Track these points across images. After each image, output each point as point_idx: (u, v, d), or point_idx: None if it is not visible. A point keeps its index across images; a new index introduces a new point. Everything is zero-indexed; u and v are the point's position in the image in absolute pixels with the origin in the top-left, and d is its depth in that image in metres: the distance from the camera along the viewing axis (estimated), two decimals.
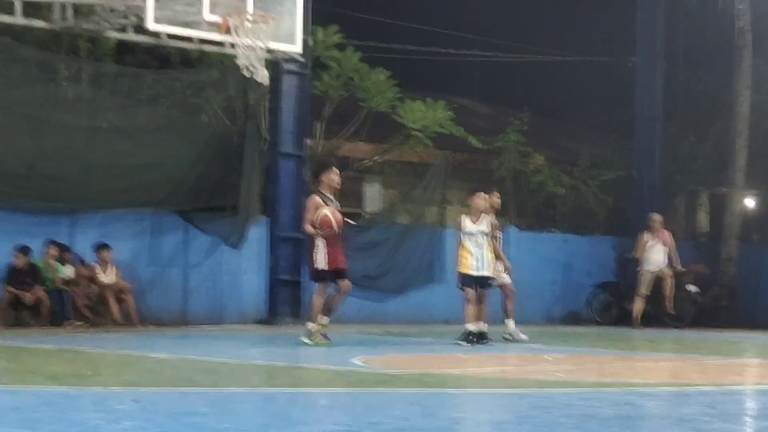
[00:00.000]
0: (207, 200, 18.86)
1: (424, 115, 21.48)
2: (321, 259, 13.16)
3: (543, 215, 24.43)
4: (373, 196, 23.49)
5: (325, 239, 13.13)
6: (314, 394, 8.09)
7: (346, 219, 20.60)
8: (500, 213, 24.46)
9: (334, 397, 7.98)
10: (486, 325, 14.00)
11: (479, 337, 13.87)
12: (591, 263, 23.23)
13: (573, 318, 22.95)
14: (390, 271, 20.74)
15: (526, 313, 22.48)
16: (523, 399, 8.02)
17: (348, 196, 22.93)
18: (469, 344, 13.61)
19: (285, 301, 18.88)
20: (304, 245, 19.32)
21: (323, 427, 6.38)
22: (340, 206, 13.69)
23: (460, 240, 13.97)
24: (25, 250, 16.82)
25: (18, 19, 16.02)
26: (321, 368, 10.33)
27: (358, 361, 10.84)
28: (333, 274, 13.25)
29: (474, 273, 13.81)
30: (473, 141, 22.67)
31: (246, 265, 19.12)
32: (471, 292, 13.75)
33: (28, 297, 16.67)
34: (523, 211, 24.25)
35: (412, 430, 6.32)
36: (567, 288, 23.19)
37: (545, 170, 23.69)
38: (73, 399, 7.42)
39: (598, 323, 22.13)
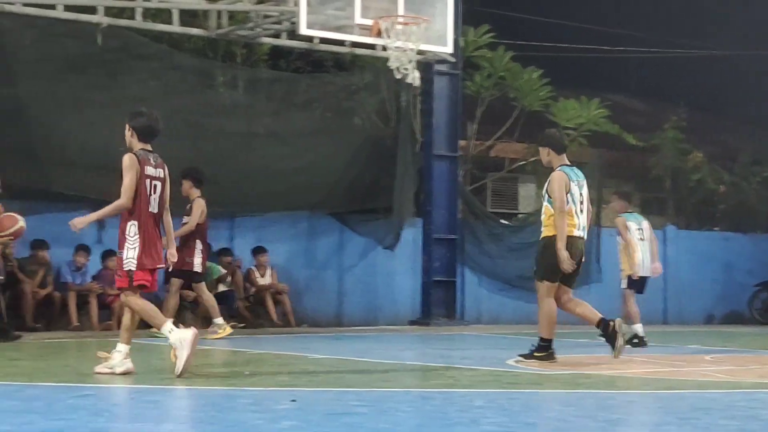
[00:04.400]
0: (361, 202, 19.00)
1: (578, 113, 21.23)
2: None
3: (702, 213, 23.94)
4: (527, 196, 23.32)
5: None
6: (470, 394, 8.06)
7: (502, 220, 20.61)
8: (658, 212, 24.33)
9: (489, 397, 7.94)
10: None
11: None
12: (753, 262, 22.69)
13: (734, 318, 22.45)
14: None
15: (685, 313, 22.15)
16: (683, 400, 7.85)
17: (502, 197, 22.88)
18: None
19: (439, 301, 18.89)
20: (458, 245, 19.42)
21: (479, 427, 6.35)
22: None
23: None
24: None
25: (175, 28, 16.41)
26: (475, 369, 10.30)
27: (513, 362, 10.77)
28: None
29: None
30: (629, 138, 22.33)
31: (400, 266, 19.20)
32: None
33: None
34: (682, 209, 23.81)
35: (569, 430, 6.25)
36: (728, 287, 22.68)
37: (704, 167, 23.19)
38: (232, 399, 7.55)
39: (760, 323, 21.60)
